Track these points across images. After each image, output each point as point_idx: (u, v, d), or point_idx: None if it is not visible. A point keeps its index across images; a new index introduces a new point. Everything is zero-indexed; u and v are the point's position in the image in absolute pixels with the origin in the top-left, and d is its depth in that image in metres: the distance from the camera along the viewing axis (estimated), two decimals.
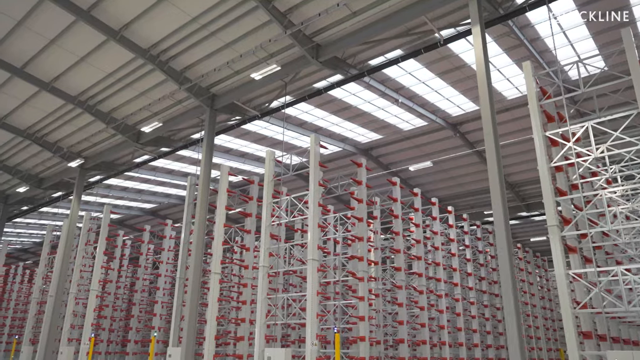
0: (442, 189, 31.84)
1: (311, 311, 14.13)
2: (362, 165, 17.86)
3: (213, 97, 20.60)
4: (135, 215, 41.43)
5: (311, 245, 14.84)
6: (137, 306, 26.92)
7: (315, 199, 15.39)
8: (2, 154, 28.23)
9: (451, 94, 22.09)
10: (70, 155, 26.37)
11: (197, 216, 18.75)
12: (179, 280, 19.18)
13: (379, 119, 24.60)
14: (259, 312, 15.46)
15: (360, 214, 17.22)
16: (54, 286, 25.36)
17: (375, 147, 28.21)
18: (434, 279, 21.42)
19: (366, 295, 16.26)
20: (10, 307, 39.30)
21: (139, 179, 32.83)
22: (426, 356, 18.72)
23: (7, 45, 18.95)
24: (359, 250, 16.69)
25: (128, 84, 20.74)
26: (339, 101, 22.61)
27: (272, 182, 17.12)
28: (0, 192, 33.52)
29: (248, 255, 18.99)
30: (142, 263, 27.73)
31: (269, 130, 25.60)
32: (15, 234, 49.26)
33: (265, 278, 15.86)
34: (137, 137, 23.93)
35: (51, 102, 22.49)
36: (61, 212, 40.66)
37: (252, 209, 19.70)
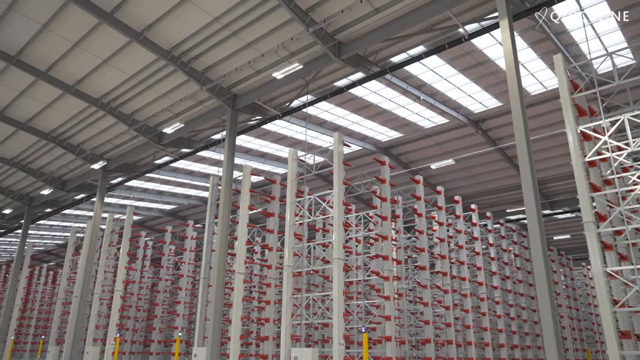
0: (463, 187, 31.44)
1: (338, 311, 13.99)
2: (385, 164, 17.68)
3: (234, 97, 20.62)
4: (155, 217, 41.77)
5: (336, 245, 14.70)
6: (160, 306, 27.08)
7: (339, 198, 15.25)
8: (26, 157, 28.66)
9: (473, 91, 21.78)
10: (93, 158, 26.66)
11: (220, 216, 18.75)
12: (202, 281, 19.21)
13: (400, 117, 24.38)
14: (284, 312, 15.37)
15: (385, 212, 17.04)
16: (78, 287, 25.65)
17: (395, 146, 27.96)
18: (459, 277, 21.13)
19: (392, 294, 16.08)
20: (35, 307, 39.99)
21: (160, 180, 33.09)
22: (452, 356, 18.45)
23: (32, 49, 19.21)
24: (384, 249, 16.51)
25: (150, 86, 20.87)
26: (359, 99, 22.45)
27: (295, 182, 17.03)
28: (25, 194, 34.05)
29: (271, 255, 18.93)
30: (164, 264, 27.89)
31: (289, 130, 25.54)
32: (39, 235, 50.10)
33: (290, 278, 15.77)
34: (158, 138, 24.08)
35: (74, 104, 22.77)
36: (83, 214, 41.25)
37: (275, 209, 19.65)
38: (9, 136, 26.37)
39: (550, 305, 10.68)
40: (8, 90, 22.19)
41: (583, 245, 42.68)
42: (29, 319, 39.58)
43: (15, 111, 23.85)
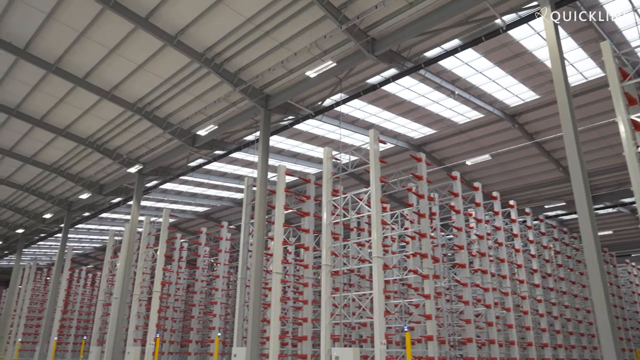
0: (499, 184, 30.73)
1: (378, 310, 13.80)
2: (421, 160, 17.40)
3: (267, 98, 20.65)
4: (189, 219, 42.35)
5: (375, 243, 14.51)
6: (197, 307, 27.39)
7: (377, 196, 15.06)
8: (65, 163, 29.45)
9: (510, 84, 21.22)
10: (129, 162, 27.18)
11: (256, 217, 18.80)
12: (240, 281, 19.30)
13: (433, 113, 23.98)
14: (323, 312, 15.27)
15: (422, 209, 16.76)
16: (118, 288, 26.18)
17: (428, 143, 27.55)
18: (499, 275, 20.61)
19: (432, 293, 15.78)
20: (75, 309, 41.08)
21: (193, 183, 33.52)
22: (495, 356, 17.99)
23: (70, 56, 19.68)
24: (423, 247, 16.22)
25: (184, 89, 21.11)
26: (392, 96, 22.18)
27: (330, 180, 16.92)
28: (64, 199, 35.02)
29: (307, 254, 18.88)
30: (199, 265, 28.20)
31: (321, 129, 25.45)
32: (77, 239, 51.51)
33: (328, 277, 15.66)
34: (192, 140, 24.36)
35: (111, 110, 23.24)
36: (119, 217, 42.17)
37: (310, 208, 19.59)
38: (48, 142, 27.14)
39: (606, 305, 10.25)
40: (47, 97, 22.82)
41: (626, 242, 41.18)
42: (69, 320, 40.67)
43: (54, 118, 24.52)
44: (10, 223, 41.83)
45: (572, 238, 28.65)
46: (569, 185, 30.18)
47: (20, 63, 20.30)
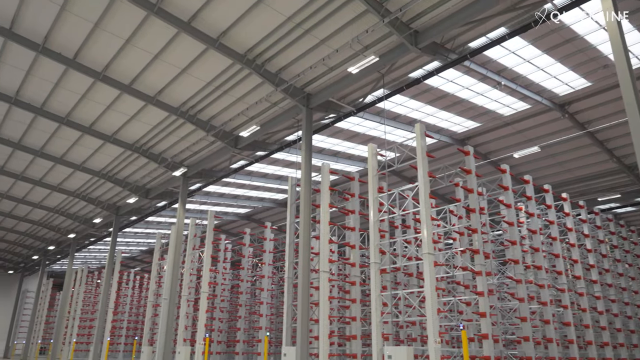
0: (549, 176, 29.59)
1: (431, 308, 13.46)
2: (469, 154, 16.93)
3: (308, 97, 20.58)
4: (231, 221, 42.88)
5: (426, 239, 14.17)
6: (243, 307, 27.64)
7: (425, 191, 14.72)
8: (113, 168, 30.32)
9: (559, 71, 20.35)
10: (174, 165, 27.70)
11: (301, 216, 18.74)
12: (287, 280, 19.29)
13: (478, 106, 23.31)
14: (374, 310, 15.05)
15: (472, 204, 16.27)
16: (166, 290, 26.73)
17: (472, 136, 26.80)
18: (554, 271, 19.80)
19: (486, 290, 15.29)
20: (125, 310, 42.36)
21: (235, 185, 33.88)
22: (553, 355, 17.27)
23: (117, 64, 20.18)
24: (476, 243, 15.74)
25: (226, 91, 21.30)
26: (435, 90, 21.69)
27: (376, 177, 16.68)
28: (112, 204, 36.11)
29: (354, 252, 18.69)
30: (244, 265, 28.45)
31: (362, 126, 25.19)
32: (125, 243, 53.12)
33: (377, 275, 15.42)
34: (234, 142, 24.59)
35: (156, 115, 23.72)
36: (165, 220, 43.17)
37: (355, 206, 19.41)
38: (97, 149, 28.00)
39: None
40: (95, 105, 23.52)
41: None
42: (120, 321, 41.95)
43: (102, 125, 25.26)
44: (62, 228, 43.50)
45: (629, 232, 27.28)
46: (623, 176, 28.83)
47: (70, 72, 20.98)
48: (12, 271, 62.52)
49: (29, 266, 59.22)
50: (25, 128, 26.15)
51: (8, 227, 45.59)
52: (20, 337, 56.87)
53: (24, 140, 27.55)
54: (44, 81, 21.83)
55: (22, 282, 61.32)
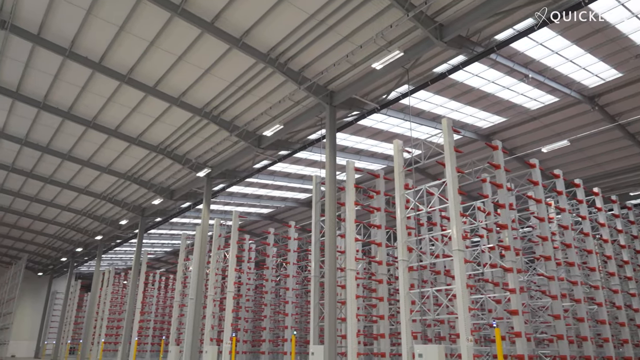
0: (578, 171, 28.88)
1: (462, 305, 13.20)
2: (497, 148, 16.59)
3: (331, 94, 20.47)
4: (254, 221, 43.06)
5: (455, 235, 13.91)
6: (269, 307, 27.68)
7: (454, 187, 14.46)
8: (138, 170, 30.70)
9: (588, 62, 19.84)
10: (198, 166, 27.91)
11: (327, 214, 18.64)
12: (314, 279, 19.21)
13: (503, 100, 22.89)
14: (403, 308, 14.85)
15: (502, 200, 15.93)
16: (193, 289, 26.93)
17: (498, 132, 26.35)
18: (587, 268, 19.27)
19: (517, 287, 14.94)
20: (151, 311, 42.90)
21: (258, 185, 34.01)
22: (589, 354, 16.79)
23: (141, 66, 20.38)
24: (506, 239, 15.40)
25: (249, 91, 21.33)
26: (459, 85, 21.37)
27: (402, 173, 16.47)
28: (138, 205, 36.59)
29: (380, 250, 18.51)
30: (269, 265, 28.49)
31: (385, 123, 25.00)
32: (149, 244, 53.86)
33: (406, 272, 15.21)
34: (258, 142, 24.63)
35: (180, 116, 23.91)
36: (189, 221, 43.57)
37: (380, 204, 19.23)
38: (122, 152, 28.39)
39: None
40: (120, 108, 23.83)
41: None
42: (147, 321, 42.48)
43: (127, 127, 25.58)
44: (89, 230, 44.29)
45: None
46: None
47: (96, 76, 21.27)
48: (41, 273, 63.94)
49: (58, 268, 60.49)
50: (53, 132, 26.64)
51: (37, 229, 46.62)
52: (50, 338, 58.14)
53: (52, 144, 28.10)
54: (71, 85, 22.19)
55: (51, 284, 62.67)
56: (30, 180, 33.71)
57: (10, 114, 25.19)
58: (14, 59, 20.58)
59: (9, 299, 45.18)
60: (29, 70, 21.27)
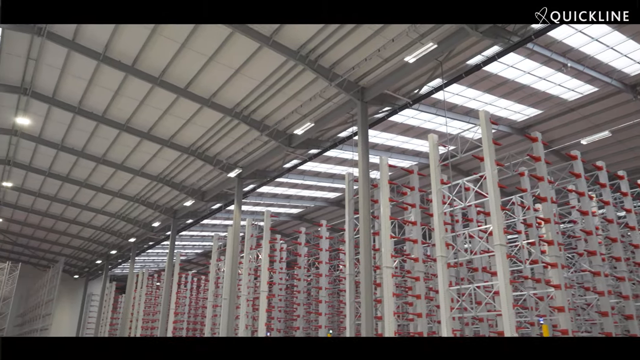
0: (618, 164, 27.72)
1: (506, 302, 12.79)
2: (537, 140, 16.03)
3: (362, 90, 20.24)
4: (284, 221, 43.09)
5: (497, 230, 13.50)
6: (302, 306, 27.59)
7: (494, 180, 14.04)
8: (170, 172, 31.07)
9: (630, 49, 19.06)
10: (229, 167, 28.05)
11: (361, 211, 18.42)
12: (349, 277, 19.00)
13: (540, 91, 22.21)
14: (442, 306, 14.50)
15: (543, 193, 15.39)
16: (226, 289, 27.06)
17: (533, 125, 25.59)
18: (634, 263, 18.50)
19: (562, 283, 14.40)
20: (184, 311, 43.37)
21: (287, 185, 33.99)
22: None
23: (173, 68, 20.56)
24: (549, 234, 14.88)
25: (279, 89, 21.28)
26: (494, 77, 20.83)
27: (438, 168, 16.12)
28: (170, 207, 37.05)
29: (416, 247, 18.17)
30: (301, 264, 28.41)
31: (416, 119, 24.58)
32: (180, 246, 54.53)
33: (444, 269, 14.86)
34: (288, 141, 24.58)
35: (211, 117, 24.05)
36: (219, 222, 43.91)
37: (415, 200, 18.89)
38: (155, 154, 28.76)
39: None
40: (153, 110, 24.13)
41: None
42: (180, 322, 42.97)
43: (160, 130, 25.89)
44: (123, 233, 45.13)
45: None
46: None
47: (128, 79, 21.58)
48: (77, 276, 65.61)
49: (93, 271, 61.94)
50: (88, 136, 27.20)
51: (73, 233, 47.79)
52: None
53: (87, 148, 28.69)
54: (105, 89, 22.58)
55: (87, 286, 64.25)
56: (67, 185, 34.54)
57: (47, 120, 25.83)
58: (50, 65, 21.06)
59: (47, 301, 46.46)
60: (64, 75, 21.73)
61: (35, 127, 26.61)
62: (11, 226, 47.91)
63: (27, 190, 36.41)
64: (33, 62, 20.79)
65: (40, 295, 50.96)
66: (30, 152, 29.86)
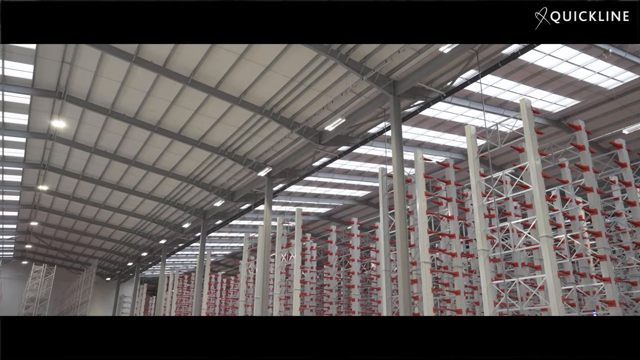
0: None
1: (555, 295, 12.29)
2: (580, 128, 15.48)
3: (394, 84, 19.91)
4: (312, 221, 42.95)
5: (542, 221, 13.02)
6: (334, 305, 27.38)
7: (537, 169, 13.56)
8: (200, 173, 31.27)
9: None
10: (259, 166, 28.04)
11: (396, 206, 18.09)
12: (384, 273, 18.69)
13: (577, 80, 21.49)
14: (485, 301, 14.08)
15: (589, 183, 14.84)
16: (258, 289, 27.04)
17: (570, 116, 24.79)
18: None
19: (612, 276, 13.82)
20: (215, 312, 43.65)
21: (316, 184, 33.83)
22: None
23: (203, 67, 20.61)
24: (596, 225, 14.30)
25: (309, 86, 21.13)
26: (529, 66, 20.23)
27: (477, 159, 15.69)
28: (200, 208, 37.32)
29: (454, 242, 17.75)
30: (332, 262, 28.20)
31: (448, 113, 24.12)
32: (209, 248, 54.94)
33: (486, 262, 14.43)
34: (318, 138, 24.41)
35: (240, 116, 24.05)
36: (247, 223, 44.05)
37: (452, 194, 18.48)
38: (185, 155, 28.97)
39: None
40: (184, 111, 24.28)
41: None
42: None
43: (190, 130, 26.06)
44: (154, 235, 45.69)
45: None
46: None
47: (160, 80, 21.74)
48: (109, 278, 66.83)
49: (124, 273, 62.97)
50: (120, 138, 27.56)
51: (105, 236, 48.66)
52: None
53: (119, 150, 29.10)
54: (136, 91, 22.81)
55: (119, 289, 65.36)
56: (99, 187, 35.13)
57: (81, 123, 26.28)
58: (84, 68, 21.38)
59: (82, 302, 47.38)
60: (97, 78, 22.04)
61: (69, 131, 27.11)
62: (46, 230, 49.12)
63: (61, 193, 37.22)
64: (68, 65, 21.16)
65: (75, 297, 52.04)
66: (64, 155, 30.46)
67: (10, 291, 59.14)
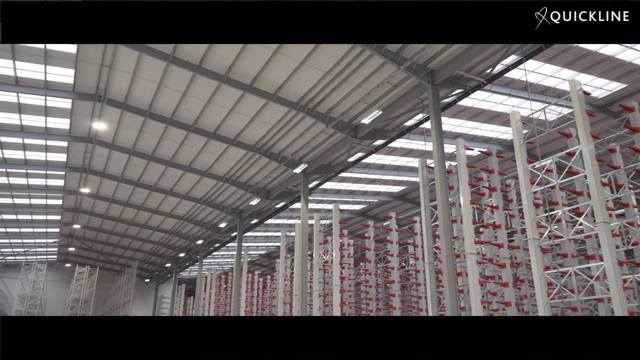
0: None
1: (616, 284, 11.69)
2: (634, 110, 14.74)
3: (432, 73, 19.47)
4: (347, 218, 42.69)
5: (598, 206, 12.42)
6: (374, 301, 27.06)
7: (591, 153, 12.94)
8: (236, 172, 31.45)
9: None
10: (294, 163, 27.98)
11: (438, 198, 17.66)
12: (429, 267, 18.29)
13: (625, 63, 20.52)
14: (538, 292, 13.53)
15: None
16: (297, 286, 26.97)
17: (615, 101, 23.74)
18: None
19: None
20: (253, 311, 43.94)
21: (351, 180, 33.57)
22: None
23: (238, 64, 20.65)
24: None
25: (344, 79, 20.90)
26: (574, 49, 19.43)
27: (523, 145, 15.15)
28: (236, 208, 37.59)
29: (500, 232, 17.21)
30: (370, 258, 27.88)
31: (487, 102, 23.45)
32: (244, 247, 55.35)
33: (538, 252, 13.89)
34: (354, 132, 24.16)
35: (275, 112, 24.03)
36: (283, 222, 44.14)
37: (496, 183, 17.92)
38: (221, 154, 29.19)
39: None
40: (219, 109, 24.43)
41: None
42: None
43: (226, 129, 26.21)
44: (191, 235, 46.35)
45: None
46: None
47: (196, 79, 21.91)
48: (148, 280, 68.25)
49: (162, 274, 64.17)
50: (158, 139, 27.98)
51: (144, 237, 49.65)
52: None
53: (156, 151, 29.56)
54: (173, 91, 23.08)
55: (157, 290, 66.68)
56: (138, 189, 35.83)
57: (120, 125, 26.80)
58: (122, 70, 21.76)
59: (124, 302, 48.49)
60: (135, 80, 22.40)
61: (109, 133, 27.70)
62: (87, 232, 50.51)
63: (102, 196, 38.15)
64: (107, 68, 21.58)
65: (117, 297, 53.35)
66: (104, 158, 31.18)
67: (55, 293, 61.27)
